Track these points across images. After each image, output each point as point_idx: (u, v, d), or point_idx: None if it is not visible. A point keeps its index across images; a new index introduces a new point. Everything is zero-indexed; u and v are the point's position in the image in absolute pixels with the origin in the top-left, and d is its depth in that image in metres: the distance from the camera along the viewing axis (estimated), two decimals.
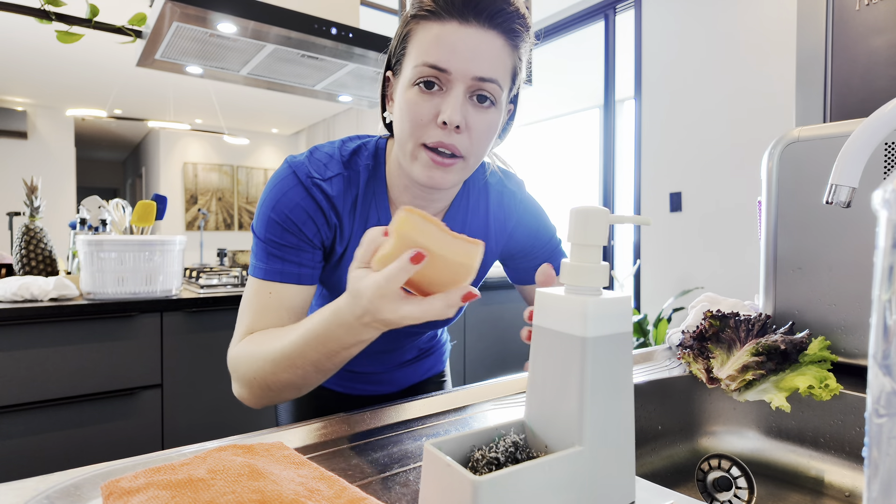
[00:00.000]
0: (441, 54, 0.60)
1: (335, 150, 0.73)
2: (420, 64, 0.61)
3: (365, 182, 0.72)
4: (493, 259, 0.84)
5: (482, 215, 0.80)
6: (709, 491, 0.62)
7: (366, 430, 0.57)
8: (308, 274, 0.70)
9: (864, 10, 0.98)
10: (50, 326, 1.43)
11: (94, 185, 9.44)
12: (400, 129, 0.65)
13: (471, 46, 0.61)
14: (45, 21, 1.58)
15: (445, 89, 0.62)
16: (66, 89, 5.71)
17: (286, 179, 0.68)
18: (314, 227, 0.69)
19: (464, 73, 0.61)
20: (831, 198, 0.57)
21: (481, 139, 0.65)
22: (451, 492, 0.32)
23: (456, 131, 0.62)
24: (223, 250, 2.77)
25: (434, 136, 0.62)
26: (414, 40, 0.63)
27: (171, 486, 0.38)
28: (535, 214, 0.84)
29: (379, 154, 0.74)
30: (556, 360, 0.37)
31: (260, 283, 0.68)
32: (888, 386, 0.20)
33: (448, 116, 0.60)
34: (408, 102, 0.63)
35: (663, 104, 2.82)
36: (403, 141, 0.64)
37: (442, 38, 0.61)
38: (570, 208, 0.38)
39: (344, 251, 0.74)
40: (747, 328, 0.75)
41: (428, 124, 0.62)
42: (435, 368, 0.99)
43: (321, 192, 0.69)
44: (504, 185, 0.82)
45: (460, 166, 0.65)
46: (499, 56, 0.63)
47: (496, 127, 0.66)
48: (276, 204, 0.68)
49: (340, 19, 1.78)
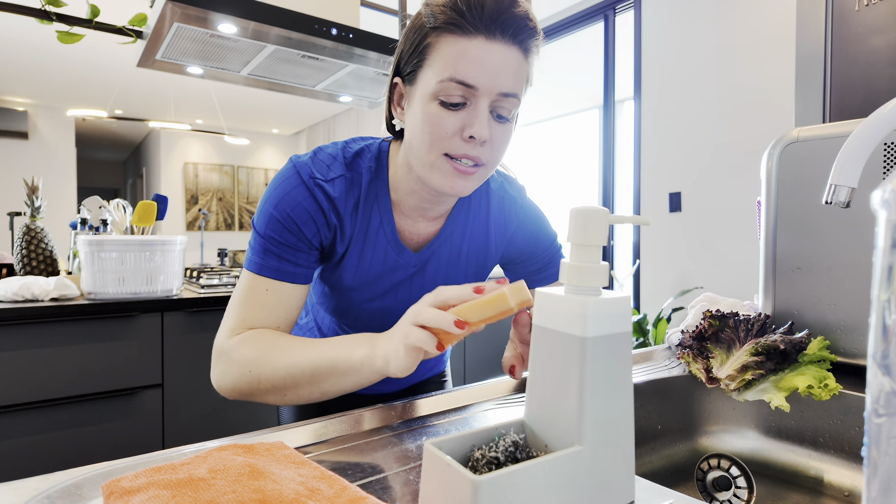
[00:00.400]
0: (469, 71, 0.61)
1: (338, 152, 0.73)
2: (446, 79, 0.61)
3: (367, 184, 0.73)
4: (493, 263, 0.85)
5: (483, 219, 0.81)
6: (708, 490, 0.62)
7: (366, 429, 0.57)
8: (303, 274, 0.71)
9: (863, 10, 0.98)
10: (51, 326, 1.43)
11: (94, 186, 9.44)
12: (419, 140, 0.65)
13: (497, 63, 0.61)
14: (45, 21, 1.58)
15: (470, 104, 0.63)
16: (67, 89, 5.71)
17: (290, 179, 0.69)
18: (314, 228, 0.70)
19: (490, 88, 0.62)
20: (831, 198, 0.57)
21: (500, 149, 0.67)
22: (452, 491, 0.32)
23: (482, 145, 0.64)
24: (224, 250, 2.77)
25: (459, 149, 0.64)
26: (436, 53, 0.63)
27: (172, 486, 0.39)
28: (536, 220, 0.85)
29: (382, 157, 0.75)
30: (556, 359, 0.37)
31: (255, 278, 0.70)
32: (887, 385, 0.20)
33: (477, 132, 0.62)
34: (431, 116, 0.63)
35: (663, 104, 2.82)
36: (424, 152, 0.65)
37: (469, 53, 0.61)
38: (569, 208, 0.38)
39: (345, 252, 0.75)
40: (747, 328, 0.75)
41: (452, 137, 0.63)
42: (436, 368, 0.99)
43: (323, 192, 0.70)
44: (505, 191, 0.83)
45: (480, 173, 0.67)
46: (519, 71, 0.64)
47: (511, 136, 0.68)
48: (278, 202, 0.68)
49: (341, 20, 1.78)
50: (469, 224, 0.80)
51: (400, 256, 0.76)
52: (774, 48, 2.33)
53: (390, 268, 0.77)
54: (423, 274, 0.79)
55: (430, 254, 0.78)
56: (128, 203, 1.80)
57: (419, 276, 0.79)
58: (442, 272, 0.81)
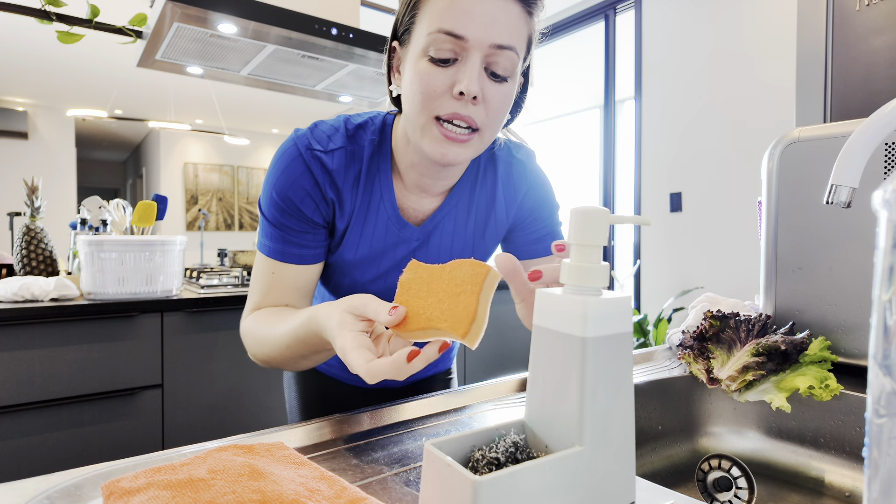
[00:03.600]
0: (457, 20, 0.57)
1: (340, 124, 0.72)
2: (434, 31, 0.58)
3: (369, 157, 0.71)
4: (503, 231, 0.82)
5: (490, 188, 0.78)
6: (709, 491, 0.62)
7: (366, 430, 0.57)
8: (311, 254, 0.71)
9: (864, 10, 0.98)
10: (51, 327, 1.43)
11: (94, 186, 9.44)
12: (410, 101, 0.62)
13: (488, 12, 0.57)
14: (45, 21, 1.58)
15: (461, 59, 0.59)
16: (67, 90, 5.71)
17: (288, 151, 0.69)
18: (313, 204, 0.69)
19: (481, 40, 0.57)
20: (831, 198, 0.57)
21: (497, 111, 0.62)
22: (452, 492, 0.32)
23: (473, 102, 0.59)
24: (223, 250, 2.77)
25: (449, 108, 0.59)
26: (425, 6, 0.60)
27: (172, 486, 0.39)
28: (541, 186, 0.81)
29: (385, 130, 0.72)
30: (557, 360, 0.37)
31: (264, 259, 0.71)
32: (888, 386, 0.20)
33: (465, 86, 0.57)
34: (420, 73, 0.59)
35: (663, 104, 2.82)
36: (414, 115, 0.62)
37: (457, 3, 0.57)
38: (570, 208, 0.38)
39: (346, 228, 0.73)
40: (747, 328, 0.75)
41: (442, 95, 0.59)
42: (441, 365, 0.99)
43: (320, 164, 0.68)
44: (513, 156, 0.79)
45: (475, 141, 0.62)
46: (516, 23, 0.60)
47: (511, 99, 0.63)
48: (276, 180, 0.68)
49: (341, 20, 1.78)
50: (476, 194, 0.77)
51: (402, 231, 0.74)
52: (775, 48, 2.33)
53: (392, 243, 0.74)
54: (427, 248, 0.77)
55: (434, 226, 0.76)
56: (128, 203, 1.80)
57: (422, 251, 0.76)
58: (446, 245, 0.78)
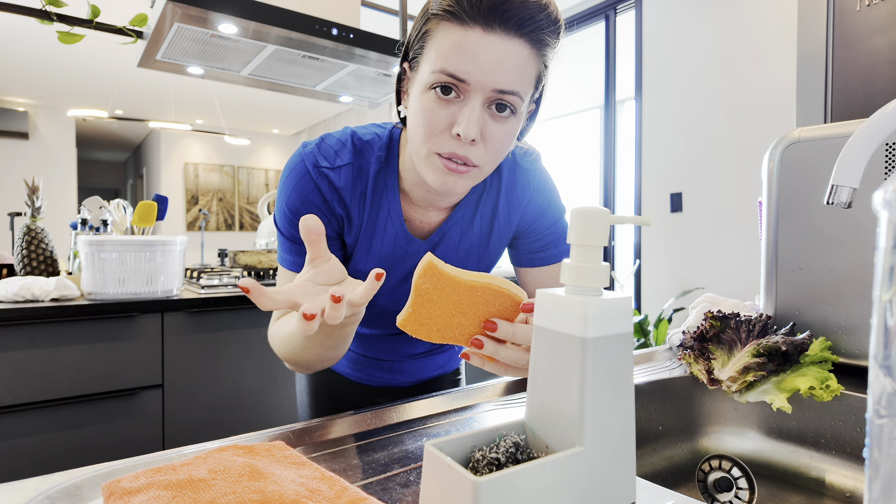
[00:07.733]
0: (461, 64, 0.57)
1: (347, 138, 0.72)
2: (437, 70, 0.58)
3: (375, 173, 0.72)
4: (507, 238, 0.81)
5: (494, 196, 0.78)
6: (709, 491, 0.62)
7: (366, 430, 0.57)
8: None
9: (864, 10, 0.98)
10: (51, 327, 1.43)
11: (95, 186, 9.45)
12: (414, 131, 0.63)
13: (493, 57, 0.57)
14: (46, 22, 1.58)
15: (463, 98, 0.59)
16: (67, 90, 5.71)
17: (296, 168, 0.71)
18: (323, 219, 0.71)
19: (483, 85, 0.58)
20: (832, 198, 0.57)
21: (498, 150, 0.63)
22: (452, 492, 0.32)
23: (471, 144, 0.60)
24: (224, 251, 2.77)
25: (448, 147, 0.60)
26: (433, 40, 0.60)
27: (172, 487, 0.39)
28: (545, 191, 0.80)
29: (392, 146, 0.73)
30: (557, 360, 0.37)
31: (281, 270, 0.75)
32: (889, 386, 0.20)
33: (463, 130, 0.58)
34: (423, 108, 0.60)
35: (664, 104, 2.82)
36: (417, 144, 0.63)
37: (463, 45, 0.57)
38: (570, 209, 0.38)
39: (355, 243, 0.74)
40: (748, 329, 0.75)
41: (442, 133, 0.60)
42: (448, 366, 0.99)
43: (328, 182, 0.70)
44: (516, 163, 0.79)
45: (475, 173, 0.63)
46: (523, 66, 0.59)
47: (514, 135, 0.64)
48: (287, 198, 0.71)
49: (341, 20, 1.78)
50: (481, 203, 0.77)
51: (409, 246, 0.76)
52: (776, 48, 2.33)
53: (400, 257, 0.76)
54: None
55: (440, 238, 0.77)
56: (128, 203, 1.80)
57: None
58: (452, 254, 0.78)
